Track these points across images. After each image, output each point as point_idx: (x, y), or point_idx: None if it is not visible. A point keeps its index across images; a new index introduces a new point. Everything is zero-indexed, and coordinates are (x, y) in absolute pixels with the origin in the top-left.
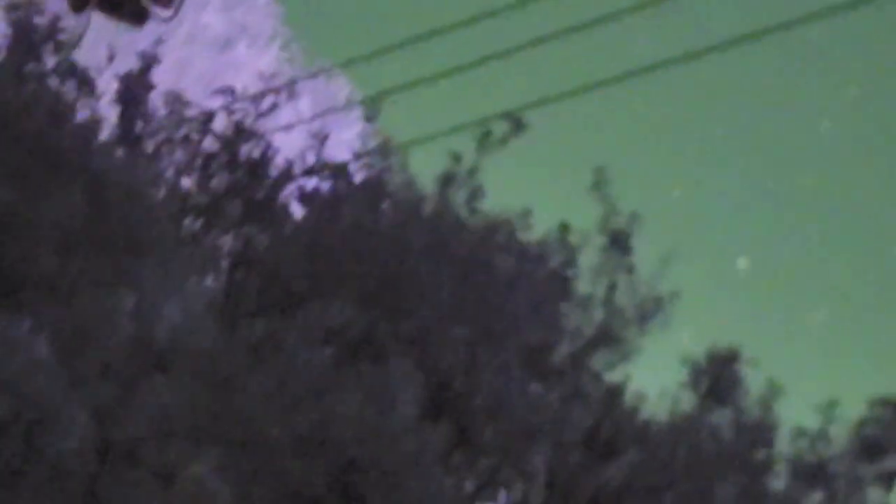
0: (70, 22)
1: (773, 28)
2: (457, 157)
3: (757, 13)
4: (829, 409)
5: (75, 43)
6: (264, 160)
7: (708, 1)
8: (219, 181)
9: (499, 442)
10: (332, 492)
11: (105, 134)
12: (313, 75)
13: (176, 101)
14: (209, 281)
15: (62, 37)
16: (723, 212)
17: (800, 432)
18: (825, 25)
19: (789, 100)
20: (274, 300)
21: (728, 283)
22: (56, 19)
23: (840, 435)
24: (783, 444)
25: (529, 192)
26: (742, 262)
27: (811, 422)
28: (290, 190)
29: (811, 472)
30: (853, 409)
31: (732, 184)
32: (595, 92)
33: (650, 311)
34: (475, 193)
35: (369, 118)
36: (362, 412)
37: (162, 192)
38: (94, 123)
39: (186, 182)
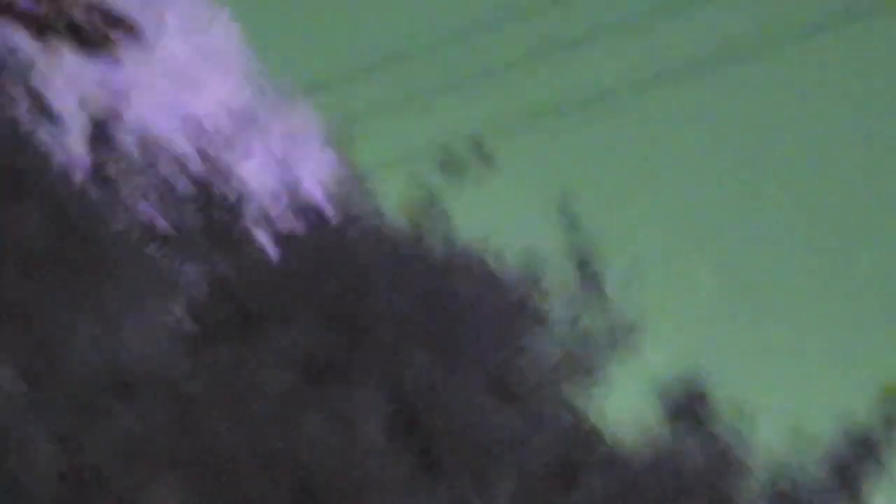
0: (33, 51)
1: (733, 53)
2: (422, 183)
3: (719, 39)
4: (799, 433)
5: (38, 72)
6: (230, 189)
7: (671, 28)
8: (183, 207)
9: (463, 467)
10: None
11: (69, 163)
12: (279, 103)
13: (140, 130)
14: (174, 307)
15: (24, 66)
16: (689, 235)
17: (771, 457)
18: (792, 48)
19: (751, 122)
20: (238, 325)
21: (696, 305)
22: (18, 49)
23: (811, 458)
24: (754, 469)
25: (495, 216)
26: (709, 283)
27: (781, 441)
28: (256, 219)
29: (783, 498)
30: (824, 433)
31: (698, 202)
32: (560, 117)
33: (619, 335)
34: (440, 219)
35: (336, 145)
36: (326, 435)
37: (127, 221)
38: (59, 153)
39: (152, 210)
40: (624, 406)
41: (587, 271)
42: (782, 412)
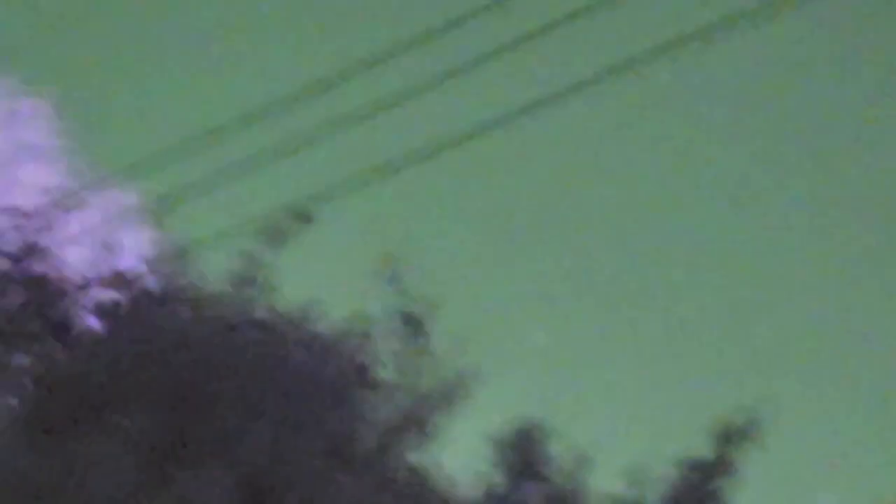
0: None
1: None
2: (248, 255)
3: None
4: (636, 474)
5: None
6: (55, 275)
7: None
8: (12, 299)
9: None
10: None
11: None
12: (99, 185)
13: None
14: (11, 401)
15: None
16: (517, 288)
17: (610, 499)
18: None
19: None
20: (79, 414)
21: (528, 357)
22: None
23: (650, 499)
24: None
25: (323, 284)
26: (539, 337)
27: (618, 486)
28: (85, 302)
29: None
30: (659, 470)
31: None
32: (383, 180)
33: (453, 392)
34: (268, 290)
35: (158, 223)
36: None
37: None
38: None
39: None
40: (463, 460)
41: (417, 331)
42: (620, 453)
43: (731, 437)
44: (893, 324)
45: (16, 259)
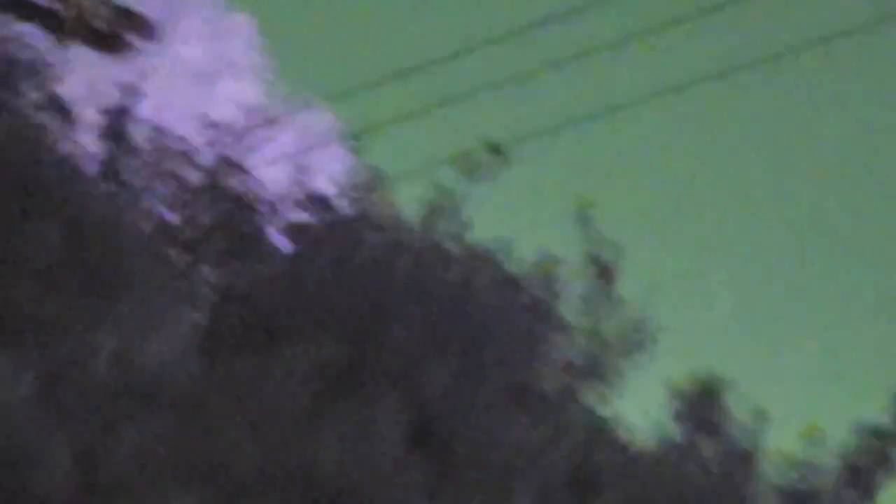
0: (52, 53)
1: (754, 62)
2: (441, 189)
3: (738, 47)
4: (813, 435)
5: (56, 74)
6: (247, 193)
7: (691, 35)
8: (203, 215)
9: (483, 478)
10: None
11: (87, 167)
12: (297, 108)
13: (159, 134)
14: (193, 317)
15: (43, 68)
16: (704, 242)
17: (786, 460)
18: (810, 55)
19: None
20: (257, 336)
21: (712, 314)
22: (37, 51)
23: (825, 462)
24: (769, 471)
25: (514, 223)
26: (725, 293)
27: (796, 449)
28: (275, 224)
29: (799, 500)
30: (836, 435)
31: (715, 215)
32: (579, 126)
33: (636, 342)
34: (460, 225)
35: (354, 151)
36: (347, 447)
37: (145, 226)
38: (76, 157)
39: (170, 216)
40: (641, 411)
41: (604, 276)
42: (797, 416)
43: None
44: None
45: (209, 174)
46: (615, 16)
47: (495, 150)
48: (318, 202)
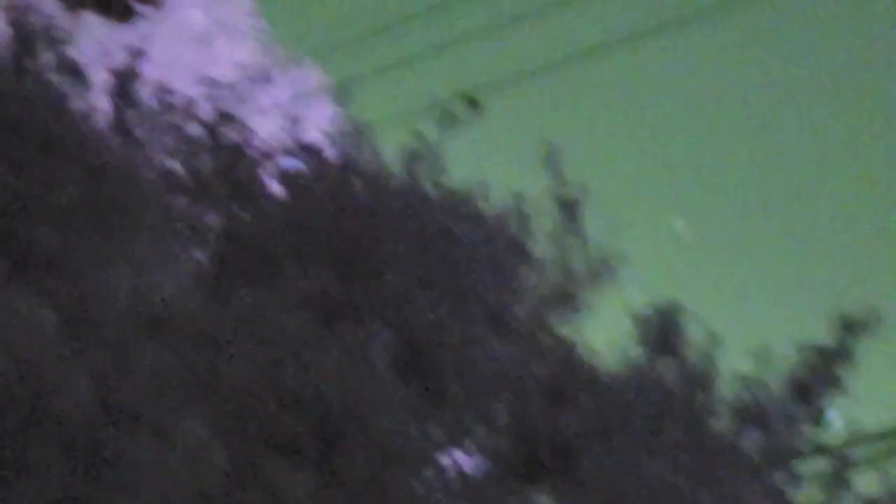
0: (63, 20)
1: (708, 9)
2: (420, 136)
3: None
4: (762, 356)
5: (69, 40)
6: (245, 143)
7: None
8: (204, 163)
9: (464, 394)
10: (314, 442)
11: (99, 123)
12: (287, 64)
13: (162, 91)
14: (197, 254)
15: (56, 35)
16: (662, 181)
17: (737, 378)
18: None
19: (725, 80)
20: (257, 270)
21: (669, 244)
22: (51, 18)
23: (774, 379)
24: (723, 390)
25: (487, 166)
26: (680, 224)
27: (747, 368)
28: (269, 170)
29: (749, 415)
30: (786, 355)
31: (671, 153)
32: (546, 74)
33: (600, 271)
34: (437, 169)
35: (339, 102)
36: (340, 369)
37: (152, 174)
38: (89, 113)
39: (174, 165)
40: (606, 335)
41: (570, 214)
42: (748, 338)
43: (852, 327)
44: None
45: (208, 127)
46: None
47: (471, 100)
48: (308, 150)
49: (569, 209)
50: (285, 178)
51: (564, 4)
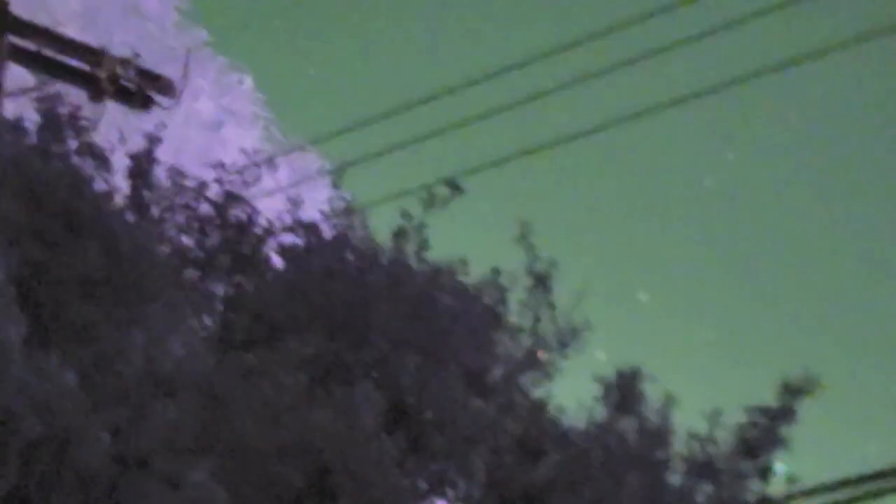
0: (88, 109)
1: (667, 104)
2: (407, 215)
3: (652, 92)
4: (714, 416)
5: (92, 127)
6: (249, 221)
7: (614, 83)
8: (212, 239)
9: (446, 448)
10: (309, 492)
11: (118, 202)
12: (289, 150)
13: (176, 174)
14: (206, 321)
15: (81, 122)
16: (626, 254)
17: (692, 435)
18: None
19: (679, 163)
20: (259, 335)
21: (632, 313)
22: (76, 108)
23: (725, 437)
24: (678, 446)
25: (467, 243)
26: (643, 296)
27: (701, 426)
28: (271, 245)
29: (702, 469)
30: (736, 415)
31: (635, 231)
32: (521, 161)
33: (568, 337)
34: (422, 245)
35: (335, 185)
36: (333, 426)
37: (166, 249)
38: (109, 193)
39: (186, 240)
40: (573, 395)
41: (542, 285)
42: (702, 401)
43: (793, 390)
44: None
45: (217, 206)
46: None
47: (453, 184)
48: (306, 227)
49: (540, 281)
50: (285, 252)
51: (536, 97)
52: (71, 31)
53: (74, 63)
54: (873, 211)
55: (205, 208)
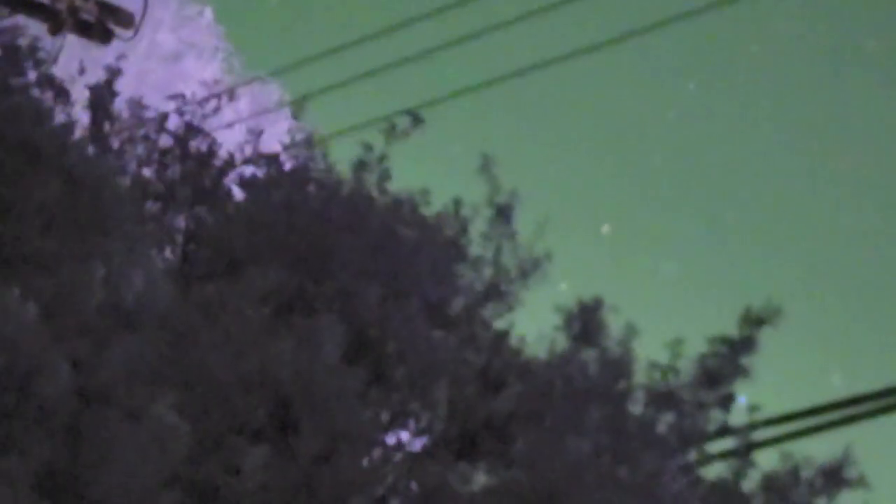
0: (47, 42)
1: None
2: (368, 147)
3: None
4: (676, 346)
5: (52, 59)
6: (210, 153)
7: (577, 14)
8: (173, 171)
9: (407, 380)
10: (271, 423)
11: (78, 135)
12: (249, 82)
13: (136, 105)
14: (167, 253)
15: (41, 55)
16: (589, 187)
17: (653, 366)
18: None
19: (642, 95)
20: (220, 268)
21: (594, 245)
22: (36, 40)
23: (687, 368)
24: (640, 376)
25: (428, 175)
26: (605, 227)
27: (663, 357)
28: (232, 177)
29: (663, 399)
30: (698, 346)
31: (597, 164)
32: (483, 92)
33: (530, 268)
34: (383, 177)
35: (296, 116)
36: (295, 358)
37: (126, 181)
38: (69, 126)
39: (146, 172)
40: (534, 326)
41: (504, 217)
42: (664, 332)
43: (755, 320)
44: None
45: (177, 138)
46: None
47: (414, 116)
48: (266, 159)
49: (502, 213)
50: (246, 184)
51: (497, 28)
52: None
53: None
54: (836, 140)
55: (165, 140)
